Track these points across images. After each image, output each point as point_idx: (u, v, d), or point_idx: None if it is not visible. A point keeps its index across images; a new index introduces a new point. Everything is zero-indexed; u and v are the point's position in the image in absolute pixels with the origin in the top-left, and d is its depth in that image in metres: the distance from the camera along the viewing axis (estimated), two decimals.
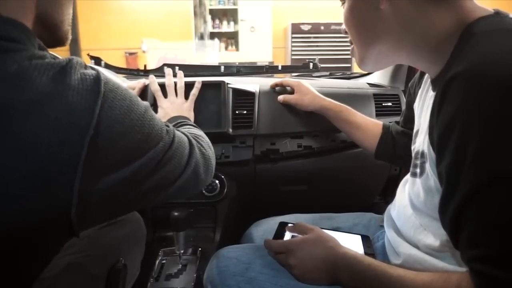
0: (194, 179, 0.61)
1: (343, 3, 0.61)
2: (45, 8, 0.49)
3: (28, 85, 0.39)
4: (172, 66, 1.22)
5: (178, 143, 0.56)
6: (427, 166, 0.54)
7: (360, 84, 1.28)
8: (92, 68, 0.45)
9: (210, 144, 0.72)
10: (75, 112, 0.40)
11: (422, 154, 0.57)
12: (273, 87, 1.07)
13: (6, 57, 0.40)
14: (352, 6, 0.58)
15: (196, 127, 0.79)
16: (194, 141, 0.63)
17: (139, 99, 0.50)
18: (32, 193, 0.40)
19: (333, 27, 4.59)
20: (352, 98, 1.09)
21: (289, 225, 0.73)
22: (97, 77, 0.43)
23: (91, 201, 0.44)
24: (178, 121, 0.82)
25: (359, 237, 0.76)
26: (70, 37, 0.55)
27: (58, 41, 0.54)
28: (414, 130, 0.66)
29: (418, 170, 0.59)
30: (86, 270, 0.71)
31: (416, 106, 0.68)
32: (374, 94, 1.14)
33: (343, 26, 0.62)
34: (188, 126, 0.78)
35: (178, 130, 0.62)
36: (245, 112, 1.05)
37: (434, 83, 0.56)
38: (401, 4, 0.51)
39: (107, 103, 0.43)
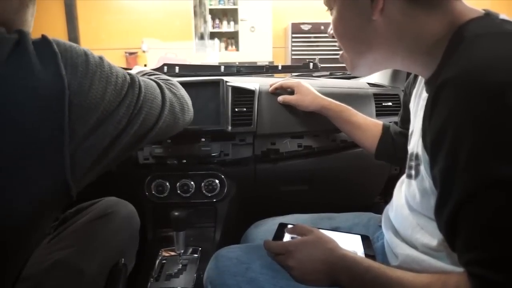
0: (172, 119, 0.65)
1: (329, 9, 0.60)
2: (7, 11, 0.50)
3: (3, 60, 0.41)
4: (172, 66, 1.22)
5: (146, 87, 0.58)
6: (422, 168, 0.54)
7: (360, 83, 1.28)
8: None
9: (180, 86, 0.75)
10: (46, 78, 0.42)
11: (417, 156, 0.57)
12: (273, 92, 1.07)
13: None
14: (343, 17, 0.57)
15: (161, 74, 0.81)
16: (162, 83, 0.66)
17: (91, 51, 0.51)
18: (28, 163, 0.42)
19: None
20: (352, 98, 1.09)
21: (289, 226, 0.73)
22: (46, 41, 0.45)
23: (83, 160, 0.46)
24: (143, 72, 0.84)
25: (359, 237, 0.76)
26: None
27: None
28: (410, 131, 0.66)
29: (413, 172, 0.59)
30: (75, 266, 0.68)
31: (411, 106, 0.68)
32: (374, 94, 1.14)
33: (331, 31, 0.61)
34: (154, 76, 0.79)
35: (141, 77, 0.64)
36: (244, 109, 1.05)
37: (427, 85, 0.56)
38: (393, 13, 0.51)
39: (68, 63, 0.45)
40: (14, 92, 0.41)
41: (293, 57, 4.83)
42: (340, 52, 0.63)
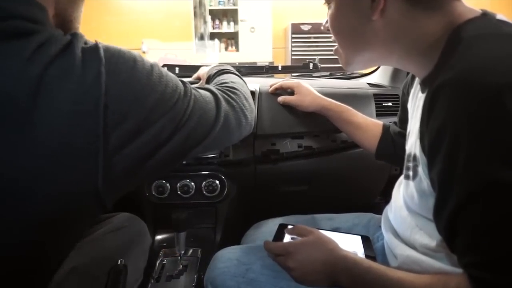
0: (225, 134, 0.62)
1: (326, 3, 0.59)
2: (63, 4, 0.51)
3: (49, 61, 0.41)
4: (172, 66, 1.22)
5: (199, 100, 0.56)
6: (420, 169, 0.54)
7: (360, 84, 1.28)
8: (88, 43, 0.47)
9: (246, 95, 0.71)
10: (85, 82, 0.42)
11: (414, 157, 0.57)
12: (273, 92, 1.07)
13: (30, 39, 0.42)
14: (341, 14, 0.57)
15: (234, 75, 0.79)
16: (220, 95, 0.63)
17: (144, 58, 0.49)
18: (63, 167, 0.41)
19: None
20: (352, 98, 1.09)
21: (289, 227, 0.73)
22: (96, 46, 0.45)
23: (117, 169, 0.45)
24: (219, 68, 0.84)
25: (359, 237, 0.76)
26: None
27: None
28: (407, 131, 0.66)
29: (411, 173, 0.58)
30: (90, 273, 0.71)
31: (409, 106, 0.68)
32: (375, 94, 1.14)
33: (327, 24, 0.60)
34: (226, 75, 0.78)
35: (200, 88, 0.61)
36: None
37: (423, 85, 0.56)
38: (393, 14, 0.51)
39: (111, 69, 0.44)
40: (53, 94, 0.40)
41: (293, 57, 4.83)
42: (335, 46, 0.62)
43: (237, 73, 0.83)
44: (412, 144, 0.59)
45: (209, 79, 0.83)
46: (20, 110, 0.39)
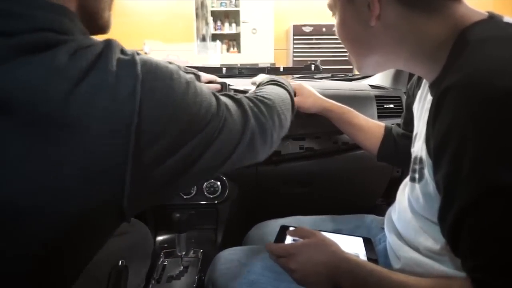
0: (249, 152, 0.58)
1: (334, 14, 0.61)
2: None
3: (80, 76, 0.38)
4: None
5: (229, 118, 0.53)
6: (426, 172, 0.54)
7: (362, 85, 1.28)
8: (125, 53, 0.43)
9: (280, 110, 0.66)
10: (118, 100, 0.39)
11: (421, 160, 0.57)
12: None
13: (58, 50, 0.38)
14: (344, 22, 0.58)
15: (278, 86, 0.75)
16: (250, 111, 0.58)
17: (180, 73, 0.46)
18: (88, 185, 0.39)
19: (334, 29, 4.57)
20: (354, 100, 1.08)
21: (290, 229, 0.73)
22: (133, 61, 0.42)
23: (143, 189, 0.43)
24: (270, 78, 0.82)
25: (360, 239, 0.76)
26: (111, 23, 0.53)
27: (100, 29, 0.52)
28: (414, 133, 0.66)
29: (417, 176, 0.58)
30: (90, 275, 0.71)
31: (416, 108, 0.67)
32: (376, 96, 1.14)
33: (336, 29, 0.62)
34: (271, 86, 0.75)
35: (231, 98, 0.58)
36: None
37: (432, 88, 0.56)
38: (391, 19, 0.51)
39: (147, 86, 0.41)
40: (84, 111, 0.37)
41: (295, 59, 4.84)
42: (348, 54, 0.63)
43: (285, 85, 0.78)
44: (419, 147, 0.58)
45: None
46: (49, 126, 0.36)
